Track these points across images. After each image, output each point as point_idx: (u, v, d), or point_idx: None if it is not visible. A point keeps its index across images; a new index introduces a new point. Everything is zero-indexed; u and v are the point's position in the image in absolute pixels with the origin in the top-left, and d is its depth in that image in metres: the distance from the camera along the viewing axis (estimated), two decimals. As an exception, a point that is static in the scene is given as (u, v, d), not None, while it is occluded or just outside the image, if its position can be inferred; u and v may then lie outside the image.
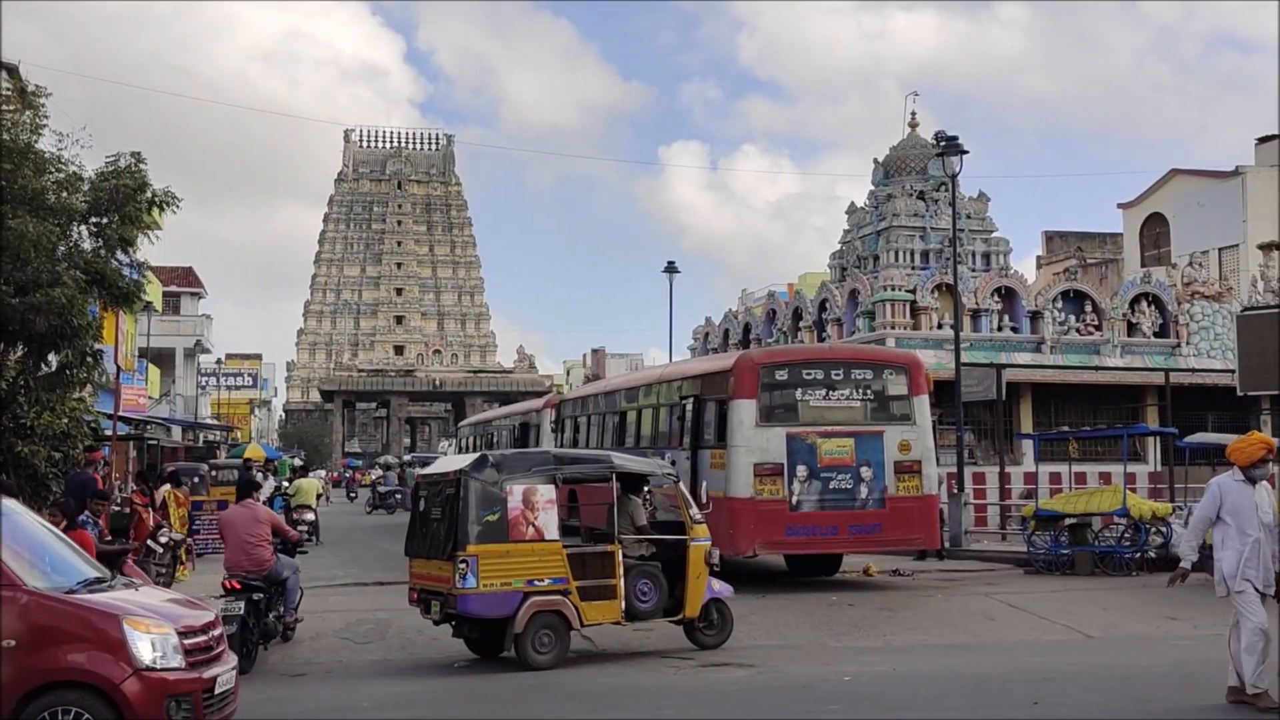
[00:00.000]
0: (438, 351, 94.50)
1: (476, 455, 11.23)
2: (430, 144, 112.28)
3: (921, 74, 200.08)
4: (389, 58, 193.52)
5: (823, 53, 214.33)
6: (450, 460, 12.13)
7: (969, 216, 29.50)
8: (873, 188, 31.80)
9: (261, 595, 11.27)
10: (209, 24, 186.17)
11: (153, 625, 6.94)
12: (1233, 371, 23.90)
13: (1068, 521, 18.13)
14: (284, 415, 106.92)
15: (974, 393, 23.10)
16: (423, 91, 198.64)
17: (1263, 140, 38.97)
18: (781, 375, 16.37)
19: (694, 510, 11.69)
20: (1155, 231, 40.71)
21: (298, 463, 41.16)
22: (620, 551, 11.02)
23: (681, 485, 11.99)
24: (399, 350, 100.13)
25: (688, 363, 25.69)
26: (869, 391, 16.53)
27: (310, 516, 24.29)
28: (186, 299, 54.47)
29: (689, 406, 17.13)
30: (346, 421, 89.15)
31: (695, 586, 11.20)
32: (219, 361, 67.58)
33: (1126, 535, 17.94)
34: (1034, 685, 9.77)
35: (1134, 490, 20.09)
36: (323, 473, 56.28)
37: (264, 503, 25.59)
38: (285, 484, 28.10)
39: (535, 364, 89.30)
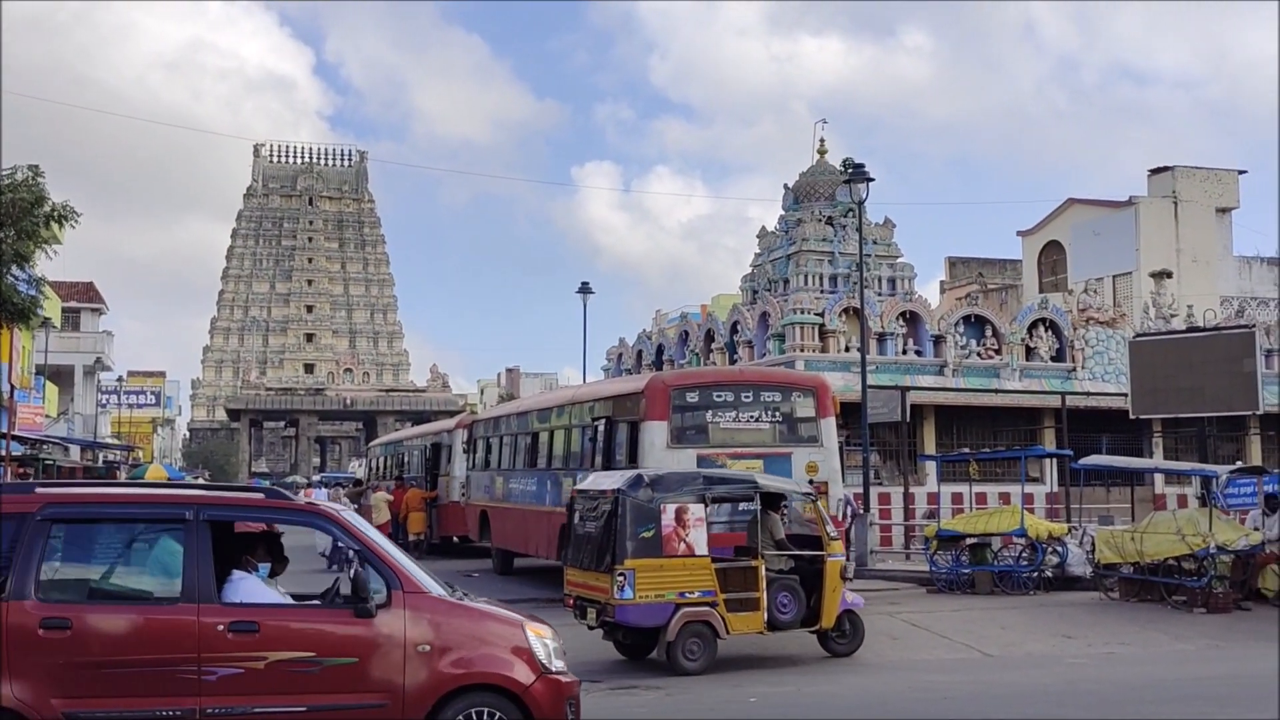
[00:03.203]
0: (349, 370, 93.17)
1: (633, 474, 11.83)
2: (342, 160, 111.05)
3: (831, 98, 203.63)
4: (297, 69, 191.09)
5: (734, 75, 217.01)
6: (604, 477, 12.62)
7: (875, 242, 30.13)
8: (783, 212, 32.32)
9: None
10: (109, 32, 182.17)
11: (542, 630, 7.20)
12: (1126, 395, 24.74)
13: (968, 541, 18.56)
14: (188, 434, 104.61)
15: (879, 414, 23.55)
16: (332, 104, 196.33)
17: (1155, 171, 40.42)
18: (692, 397, 16.52)
19: (830, 527, 12.45)
20: (1053, 258, 41.95)
21: (200, 483, 40.31)
22: (763, 566, 11.73)
23: (819, 504, 12.73)
24: (309, 368, 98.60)
25: (600, 384, 25.79)
26: (777, 414, 16.76)
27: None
28: (87, 315, 53.14)
29: (601, 428, 17.20)
30: (254, 441, 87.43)
31: (831, 599, 12.03)
32: (120, 379, 65.99)
33: (1024, 555, 18.44)
34: (933, 704, 10.05)
35: (1032, 511, 20.64)
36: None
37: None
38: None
39: (449, 383, 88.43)
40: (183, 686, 6.49)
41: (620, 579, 11.08)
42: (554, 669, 7.05)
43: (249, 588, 7.02)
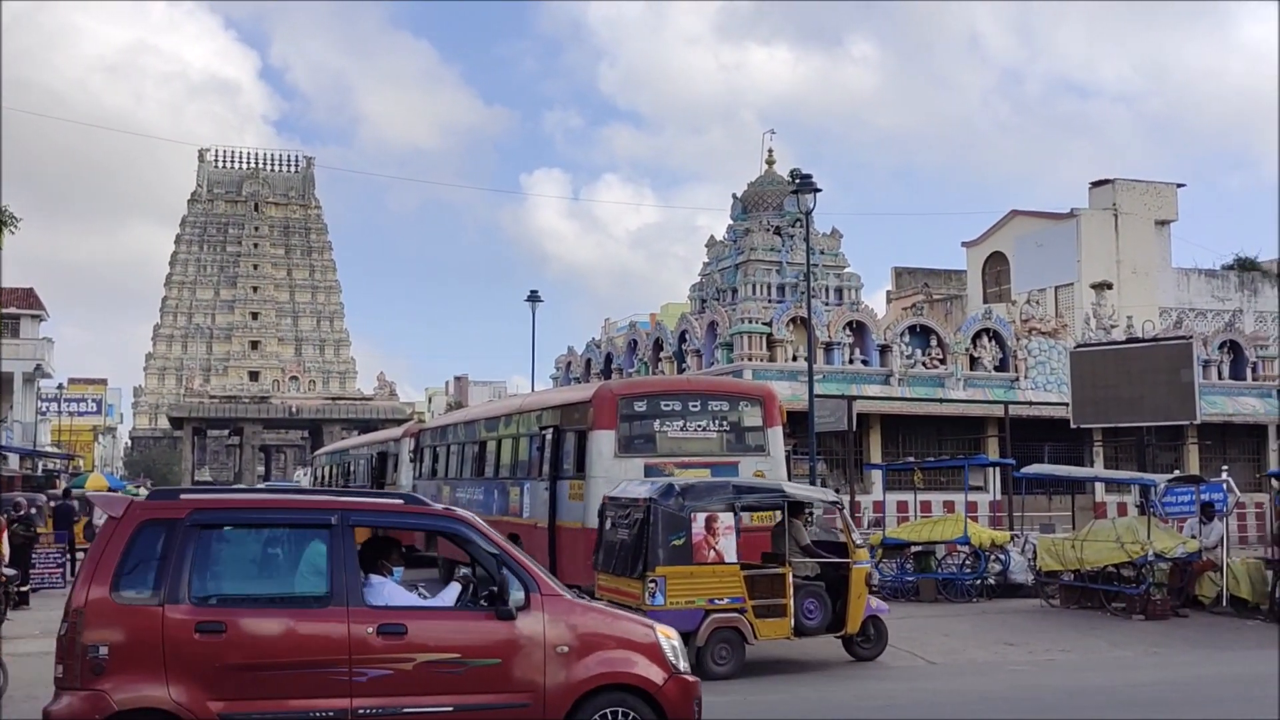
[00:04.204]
0: (295, 378, 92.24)
1: (664, 484, 12.05)
2: (289, 165, 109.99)
3: (779, 107, 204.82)
4: (242, 73, 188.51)
5: (682, 84, 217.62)
6: (634, 485, 12.80)
7: (823, 252, 30.40)
8: (731, 222, 32.52)
9: None
10: (49, 35, 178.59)
11: (670, 631, 7.41)
12: (1067, 404, 25.11)
13: (913, 549, 18.75)
14: (130, 443, 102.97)
15: (826, 423, 23.72)
16: (278, 109, 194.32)
17: (1096, 184, 41.09)
18: (640, 406, 16.50)
19: (856, 535, 12.83)
20: (996, 269, 42.50)
21: (142, 492, 39.74)
22: (791, 573, 12.01)
23: (845, 512, 13.00)
24: (254, 376, 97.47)
25: (548, 393, 25.75)
26: (725, 423, 16.79)
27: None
28: (26, 322, 52.15)
29: (549, 437, 17.16)
30: (197, 449, 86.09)
31: (856, 605, 12.37)
32: (61, 387, 64.85)
33: (967, 563, 18.65)
34: (878, 711, 10.13)
35: (975, 519, 20.89)
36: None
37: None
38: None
39: (396, 391, 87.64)
40: (334, 687, 6.62)
41: (652, 585, 11.39)
42: (681, 668, 7.23)
43: (389, 591, 7.12)
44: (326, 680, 6.61)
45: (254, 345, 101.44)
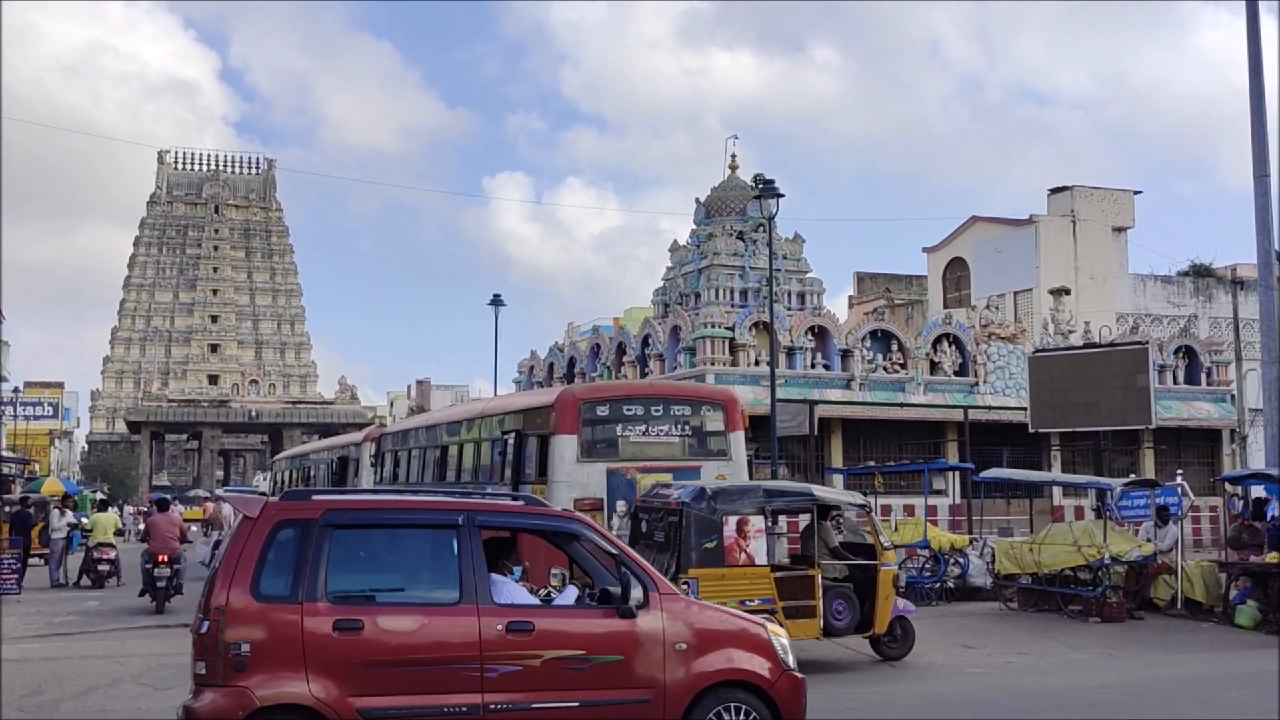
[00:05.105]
0: (254, 381, 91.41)
1: (695, 487, 12.33)
2: (250, 168, 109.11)
3: (742, 112, 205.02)
4: (201, 74, 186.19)
5: (645, 88, 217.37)
6: (666, 489, 13.00)
7: (785, 257, 30.53)
8: (695, 226, 32.61)
9: (178, 566, 18.73)
10: (5, 34, 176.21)
11: (779, 630, 7.67)
12: (1026, 409, 25.37)
13: (874, 553, 18.86)
14: (87, 447, 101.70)
15: (788, 428, 23.83)
16: (238, 110, 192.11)
17: (1054, 191, 41.54)
18: (602, 411, 16.53)
19: (884, 538, 13.07)
20: (957, 275, 42.82)
21: (100, 497, 39.26)
22: (820, 575, 12.24)
23: (874, 515, 13.30)
24: (213, 380, 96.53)
25: (510, 397, 25.70)
26: (687, 427, 16.85)
27: (112, 555, 23.17)
28: (-20, 324, 51.45)
29: (511, 441, 17.14)
30: (155, 454, 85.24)
31: (884, 606, 12.64)
32: (16, 390, 63.97)
33: (927, 566, 18.80)
34: (837, 714, 10.18)
35: (935, 523, 21.04)
36: (130, 508, 53.76)
37: (63, 539, 24.48)
38: (84, 519, 26.69)
39: (358, 395, 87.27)
40: (467, 683, 6.81)
41: (684, 587, 11.46)
42: (790, 665, 7.45)
43: (510, 590, 7.28)
44: (459, 676, 6.80)
45: (213, 349, 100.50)
